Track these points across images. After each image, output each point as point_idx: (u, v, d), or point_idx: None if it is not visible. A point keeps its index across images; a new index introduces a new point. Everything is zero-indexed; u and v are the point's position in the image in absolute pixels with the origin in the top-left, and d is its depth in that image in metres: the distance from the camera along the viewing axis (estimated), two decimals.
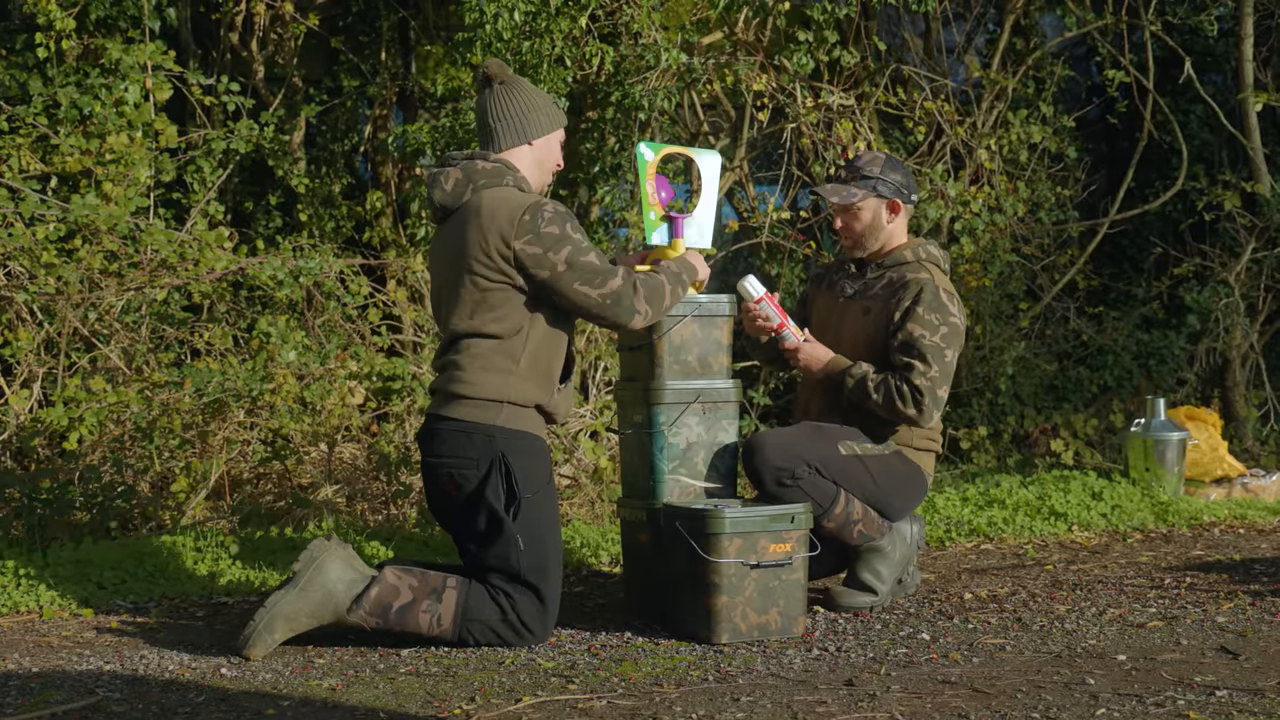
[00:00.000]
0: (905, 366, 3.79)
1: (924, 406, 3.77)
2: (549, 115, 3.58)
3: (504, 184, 3.46)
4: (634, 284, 3.45)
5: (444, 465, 3.44)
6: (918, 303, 3.81)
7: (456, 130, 5.55)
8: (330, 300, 5.47)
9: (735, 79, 5.86)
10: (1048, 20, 8.08)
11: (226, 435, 4.96)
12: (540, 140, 3.57)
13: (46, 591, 3.94)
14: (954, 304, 3.85)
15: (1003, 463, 6.48)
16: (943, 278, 3.92)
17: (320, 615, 3.35)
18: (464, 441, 3.41)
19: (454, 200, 3.48)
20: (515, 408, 3.44)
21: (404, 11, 7.07)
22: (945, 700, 2.92)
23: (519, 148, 3.56)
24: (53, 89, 5.58)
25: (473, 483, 3.41)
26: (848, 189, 3.94)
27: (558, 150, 3.64)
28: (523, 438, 3.44)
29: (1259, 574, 4.32)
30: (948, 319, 3.82)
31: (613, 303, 3.42)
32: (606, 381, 5.64)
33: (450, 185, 3.48)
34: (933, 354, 3.78)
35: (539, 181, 3.61)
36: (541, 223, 3.39)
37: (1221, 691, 2.94)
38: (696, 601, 3.49)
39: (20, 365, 5.14)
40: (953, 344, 3.82)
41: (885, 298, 3.89)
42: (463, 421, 3.42)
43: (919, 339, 3.79)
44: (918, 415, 3.78)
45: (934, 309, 3.81)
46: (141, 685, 3.11)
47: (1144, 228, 8.25)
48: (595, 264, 3.42)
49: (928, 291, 3.82)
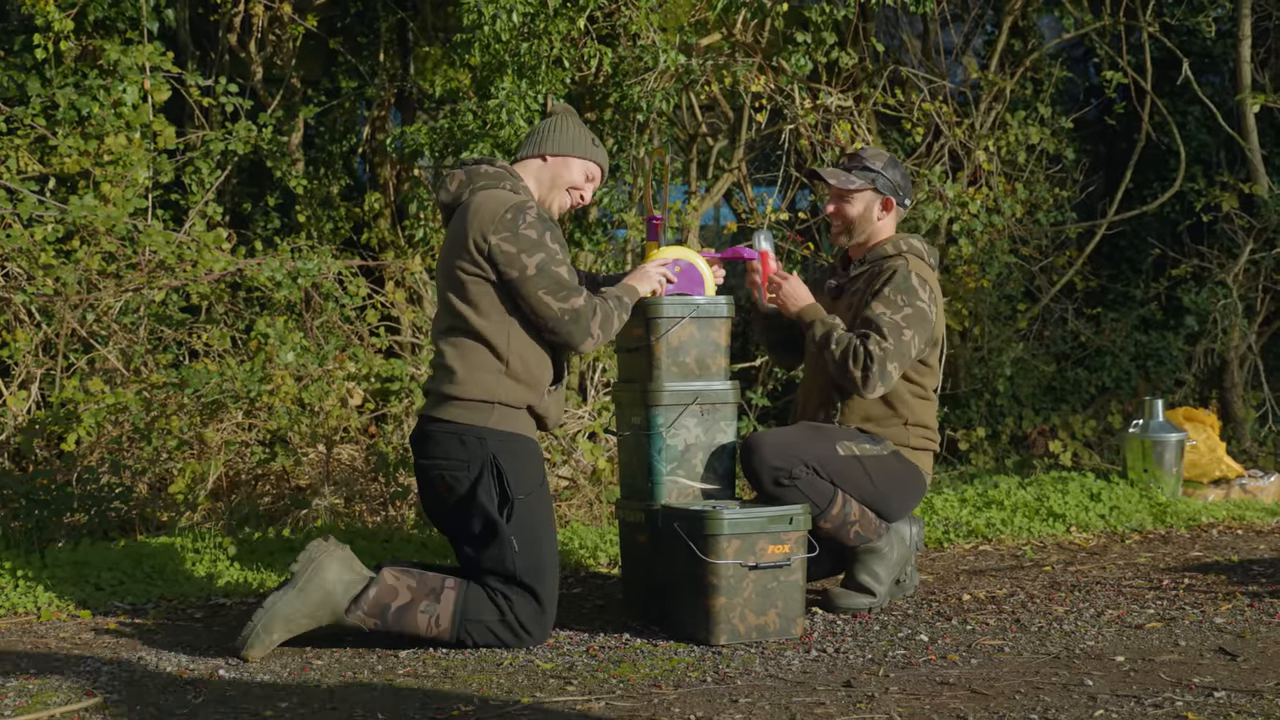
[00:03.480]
0: (864, 335, 3.80)
1: (870, 373, 3.74)
2: (575, 142, 3.62)
3: (500, 186, 3.49)
4: (594, 307, 3.46)
5: (436, 467, 3.45)
6: (887, 284, 3.84)
7: (455, 132, 5.55)
8: (328, 301, 5.47)
9: (733, 80, 5.86)
10: (1046, 21, 8.08)
11: (225, 436, 4.96)
12: (555, 158, 3.61)
13: (44, 593, 3.94)
14: (925, 291, 3.84)
15: (1001, 464, 6.49)
16: (920, 265, 3.91)
17: (318, 616, 3.35)
18: (455, 444, 3.43)
19: (454, 200, 3.54)
20: (506, 409, 3.45)
21: (402, 13, 7.07)
22: (943, 702, 2.92)
23: (531, 159, 3.61)
24: (51, 90, 5.58)
25: (465, 485, 3.41)
26: (848, 175, 3.98)
27: (579, 179, 3.64)
28: (514, 440, 3.45)
29: (1257, 575, 4.33)
30: (914, 302, 3.81)
31: (570, 319, 3.43)
32: (604, 383, 5.64)
33: (454, 186, 3.55)
34: (890, 329, 3.77)
35: (549, 199, 3.62)
36: (522, 224, 3.41)
37: (1220, 693, 2.94)
38: (695, 603, 3.49)
39: (18, 366, 5.14)
40: (915, 327, 3.80)
41: (864, 290, 3.92)
42: (454, 424, 3.44)
43: (879, 315, 3.79)
44: (862, 380, 3.75)
45: (901, 290, 3.82)
46: (140, 686, 3.10)
47: (1142, 229, 8.25)
48: (564, 277, 3.43)
49: (899, 275, 3.84)
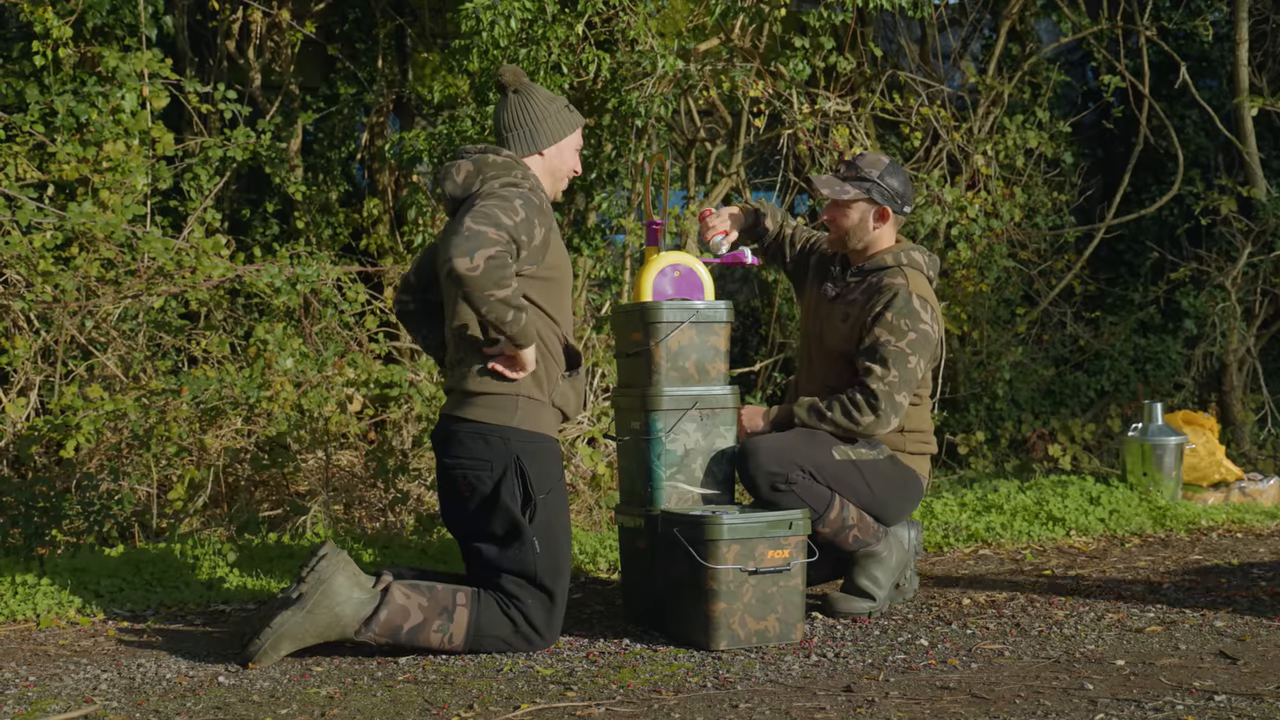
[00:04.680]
0: (865, 371, 3.77)
1: (880, 411, 3.73)
2: (559, 121, 3.56)
3: (511, 176, 3.43)
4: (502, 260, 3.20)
5: (459, 467, 3.43)
6: (888, 308, 3.80)
7: (453, 137, 5.55)
8: (327, 308, 5.46)
9: (732, 85, 5.86)
10: (1043, 26, 8.08)
11: (224, 443, 4.96)
12: (551, 149, 3.56)
13: (44, 600, 3.94)
14: (927, 311, 3.81)
15: (1000, 468, 6.48)
16: (920, 283, 3.87)
17: (326, 635, 3.34)
18: (480, 444, 3.41)
19: (463, 191, 3.44)
20: (530, 403, 3.43)
21: (401, 19, 7.07)
22: (944, 706, 2.91)
23: (530, 158, 3.55)
24: (49, 97, 5.58)
25: (488, 485, 3.40)
26: (842, 185, 3.93)
27: (572, 156, 3.60)
28: (536, 440, 3.44)
29: (1257, 578, 4.32)
30: (917, 325, 3.78)
31: (469, 236, 3.18)
32: (604, 388, 5.64)
33: (461, 177, 3.45)
34: (895, 359, 3.75)
35: (552, 189, 3.60)
36: (509, 193, 3.34)
37: (1220, 696, 2.94)
38: (695, 608, 3.49)
39: (17, 373, 5.14)
40: (919, 351, 3.78)
41: (862, 303, 3.88)
42: (478, 423, 3.41)
43: (884, 344, 3.77)
44: (874, 421, 3.74)
45: (904, 315, 3.79)
46: (139, 693, 3.10)
47: (1140, 232, 8.25)
48: (500, 221, 3.23)
49: (900, 297, 3.80)
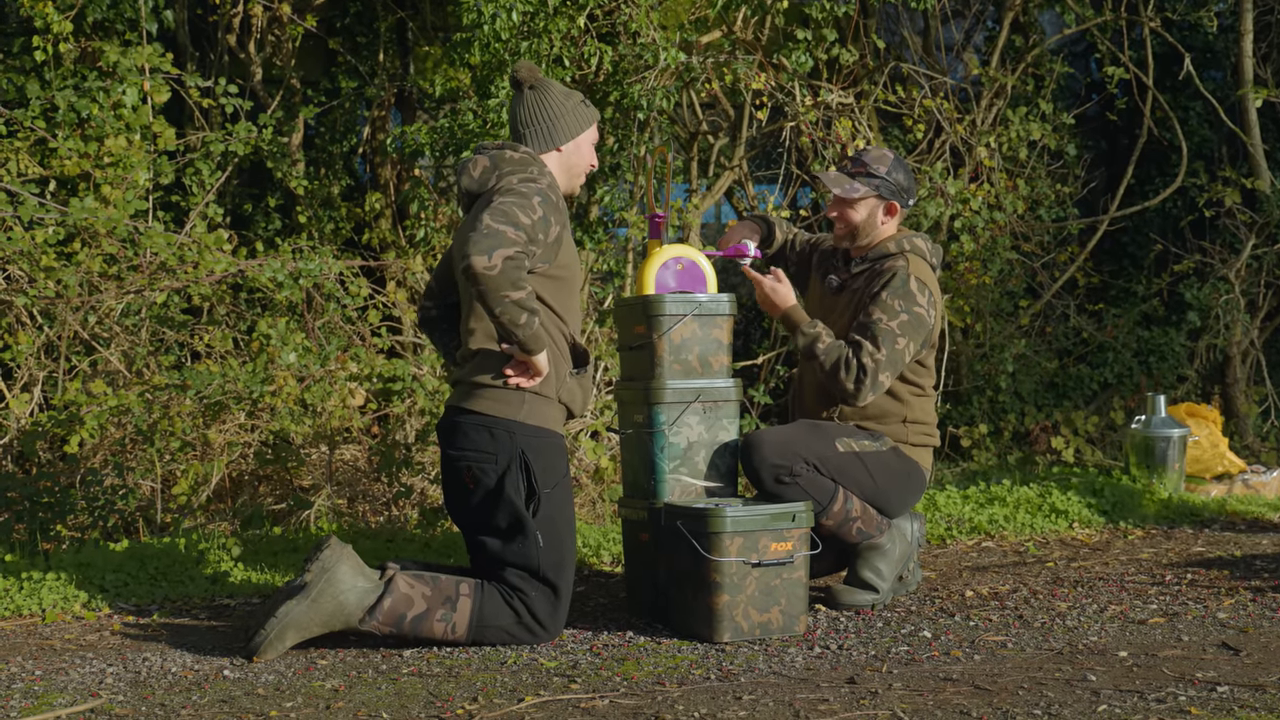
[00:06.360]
0: (856, 345, 3.78)
1: (863, 385, 3.75)
2: (576, 116, 3.57)
3: (529, 173, 3.45)
4: (520, 261, 3.23)
5: (464, 459, 3.43)
6: (885, 288, 3.81)
7: (455, 131, 5.54)
8: (330, 302, 5.46)
9: (734, 78, 5.85)
10: (1047, 17, 8.07)
11: (227, 438, 4.96)
12: (569, 145, 3.57)
13: (49, 594, 3.94)
14: (924, 295, 3.82)
15: (1003, 460, 6.48)
16: (920, 266, 3.87)
17: (331, 624, 3.35)
18: (485, 436, 3.41)
19: (480, 187, 3.46)
20: (536, 398, 3.43)
21: (402, 12, 7.06)
22: (947, 698, 2.92)
23: (547, 154, 3.55)
24: (50, 92, 5.58)
25: (492, 478, 3.40)
26: (851, 183, 3.93)
27: (589, 152, 3.62)
28: (542, 434, 3.44)
29: (1260, 570, 4.32)
30: (911, 308, 3.79)
31: (487, 234, 3.21)
32: (607, 381, 5.64)
33: (478, 172, 3.47)
34: (885, 338, 3.76)
35: (568, 185, 3.61)
36: (528, 189, 3.35)
37: (1223, 687, 2.94)
38: (698, 600, 3.49)
39: (20, 369, 5.14)
40: (910, 334, 3.79)
41: (864, 289, 3.89)
42: (484, 415, 3.41)
43: (875, 321, 3.78)
44: (854, 391, 3.76)
45: (899, 295, 3.80)
46: (144, 687, 3.11)
47: (1144, 224, 8.24)
48: (518, 220, 3.26)
49: (899, 278, 3.82)
